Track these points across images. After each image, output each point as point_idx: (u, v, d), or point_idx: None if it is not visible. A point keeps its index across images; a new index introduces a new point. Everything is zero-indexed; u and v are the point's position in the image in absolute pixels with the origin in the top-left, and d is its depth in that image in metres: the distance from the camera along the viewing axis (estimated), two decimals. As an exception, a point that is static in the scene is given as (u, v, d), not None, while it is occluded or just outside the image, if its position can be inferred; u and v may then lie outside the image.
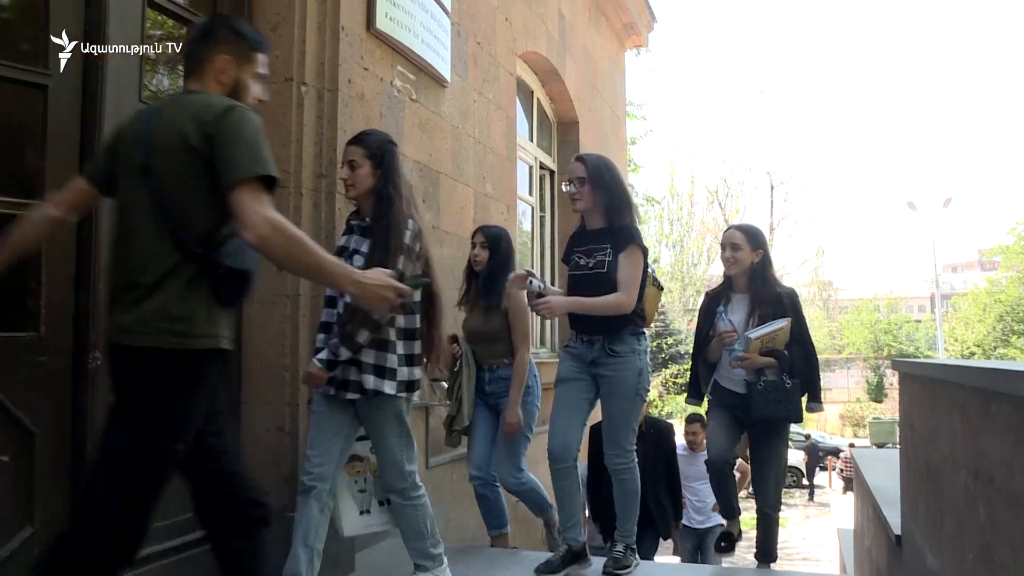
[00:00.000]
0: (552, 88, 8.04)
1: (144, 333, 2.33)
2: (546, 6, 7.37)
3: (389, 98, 4.56)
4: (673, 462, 6.27)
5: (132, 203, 2.43)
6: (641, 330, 4.03)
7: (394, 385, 3.34)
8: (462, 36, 5.53)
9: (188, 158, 2.36)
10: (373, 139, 3.46)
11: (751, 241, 4.48)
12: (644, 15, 10.26)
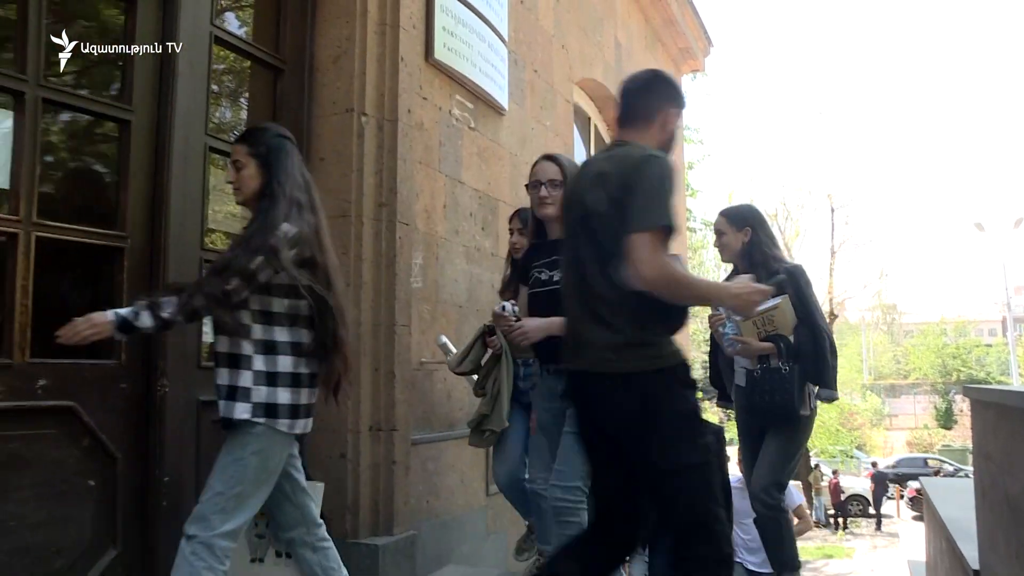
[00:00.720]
0: (609, 114, 8.03)
1: (625, 360, 2.58)
2: (602, 34, 7.39)
3: (448, 127, 4.60)
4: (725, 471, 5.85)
5: (577, 245, 2.73)
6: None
7: (248, 408, 2.66)
8: (519, 64, 5.56)
9: (614, 207, 2.59)
10: (260, 135, 2.96)
11: (734, 223, 4.16)
12: (700, 40, 10.22)
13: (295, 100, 4.03)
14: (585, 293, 2.68)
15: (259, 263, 2.65)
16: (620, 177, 2.62)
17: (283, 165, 2.88)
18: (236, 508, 2.63)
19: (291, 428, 2.73)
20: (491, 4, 5.05)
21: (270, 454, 2.70)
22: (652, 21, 8.99)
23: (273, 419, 2.69)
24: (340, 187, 3.96)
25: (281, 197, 2.80)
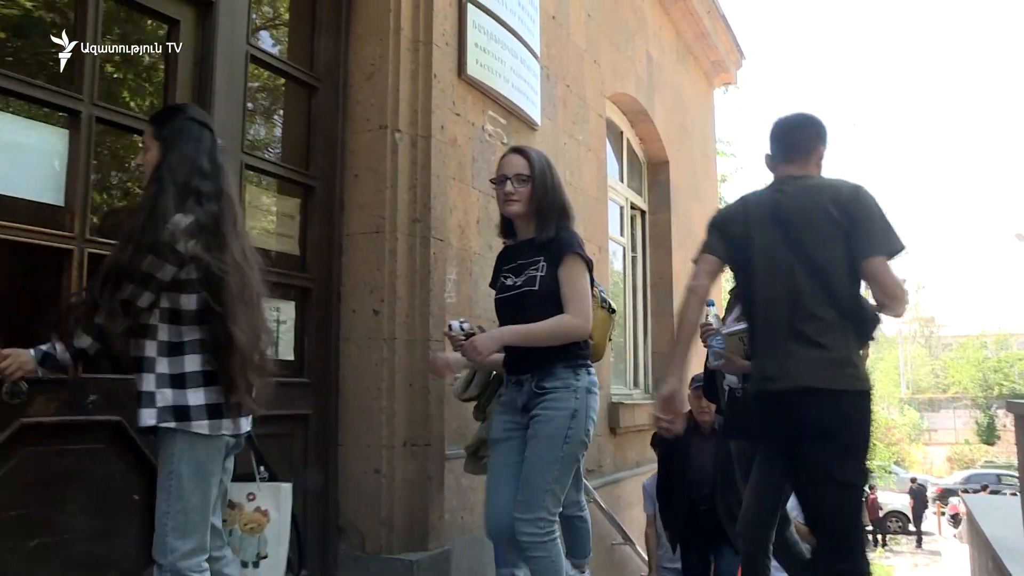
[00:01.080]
0: (641, 128, 8.02)
1: (838, 378, 2.86)
2: (634, 48, 7.39)
3: (481, 142, 4.61)
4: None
5: (781, 271, 2.99)
6: (582, 362, 3.15)
7: (153, 414, 2.48)
8: (551, 79, 5.57)
9: (832, 231, 2.92)
10: (166, 117, 2.74)
11: None
12: (732, 52, 10.19)
13: (329, 117, 4.07)
14: (797, 312, 2.94)
15: (150, 263, 2.45)
16: (839, 205, 2.94)
17: (179, 149, 2.63)
18: (187, 524, 2.49)
19: (214, 429, 2.53)
20: (523, 20, 5.07)
21: (199, 459, 2.52)
22: (684, 35, 8.98)
23: (186, 422, 2.49)
24: (374, 203, 3.98)
25: (169, 184, 2.56)
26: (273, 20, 4.57)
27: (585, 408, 3.09)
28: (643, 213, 8.28)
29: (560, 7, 5.80)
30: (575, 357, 3.13)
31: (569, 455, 3.07)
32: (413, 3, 4.18)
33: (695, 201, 9.14)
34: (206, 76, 3.43)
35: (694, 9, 8.67)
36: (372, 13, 4.15)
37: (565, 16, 5.89)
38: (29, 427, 2.69)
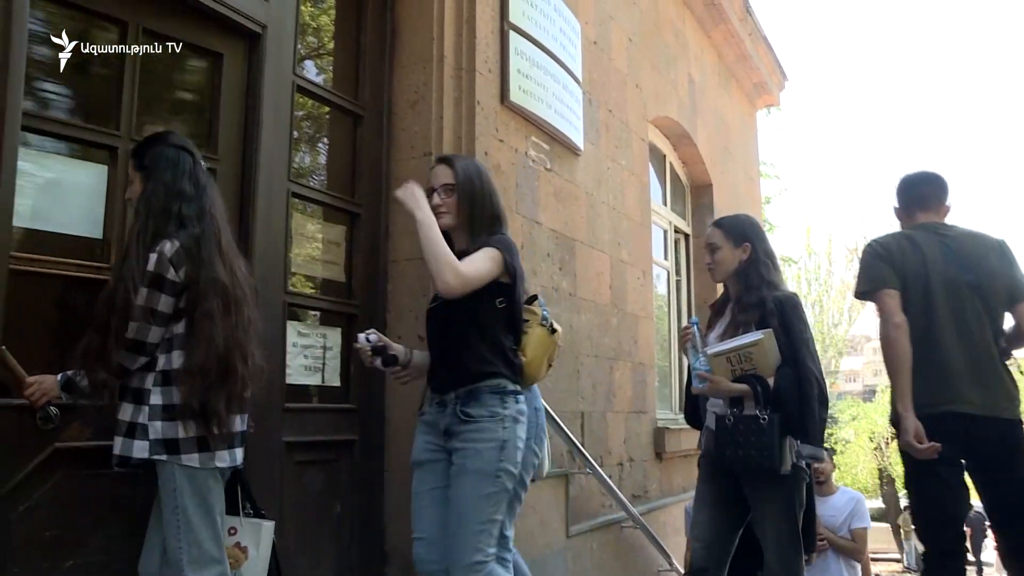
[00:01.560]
0: (684, 152, 8.00)
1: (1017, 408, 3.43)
2: (676, 71, 7.38)
3: (524, 168, 4.63)
4: None
5: (965, 306, 3.46)
6: (511, 389, 2.91)
7: (146, 446, 2.48)
8: (594, 104, 5.58)
9: (999, 274, 3.50)
10: (144, 148, 2.73)
11: (732, 236, 3.64)
12: (775, 74, 10.14)
13: (374, 145, 4.11)
14: (980, 346, 3.43)
15: (146, 297, 2.47)
16: (997, 253, 3.54)
17: (157, 177, 2.64)
18: (202, 555, 2.51)
19: (205, 463, 2.54)
20: (564, 46, 5.09)
21: (200, 491, 2.53)
22: (725, 57, 8.96)
23: (176, 455, 2.49)
24: (419, 230, 4.00)
25: (147, 214, 2.57)
26: (317, 50, 4.63)
27: (514, 438, 2.87)
28: (687, 236, 8.24)
29: (601, 32, 5.83)
30: (503, 379, 2.90)
31: (502, 489, 2.83)
32: (456, 31, 4.22)
33: (739, 224, 9.06)
34: (253, 107, 3.48)
35: (735, 32, 8.65)
36: (416, 42, 4.20)
37: (606, 41, 5.90)
38: (63, 451, 2.72)
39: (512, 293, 2.95)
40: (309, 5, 4.27)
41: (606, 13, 5.93)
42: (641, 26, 6.59)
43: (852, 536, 5.23)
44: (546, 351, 3.12)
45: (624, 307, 5.84)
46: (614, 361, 5.61)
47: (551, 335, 3.14)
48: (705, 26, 8.26)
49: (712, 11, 8.12)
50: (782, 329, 3.40)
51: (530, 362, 3.02)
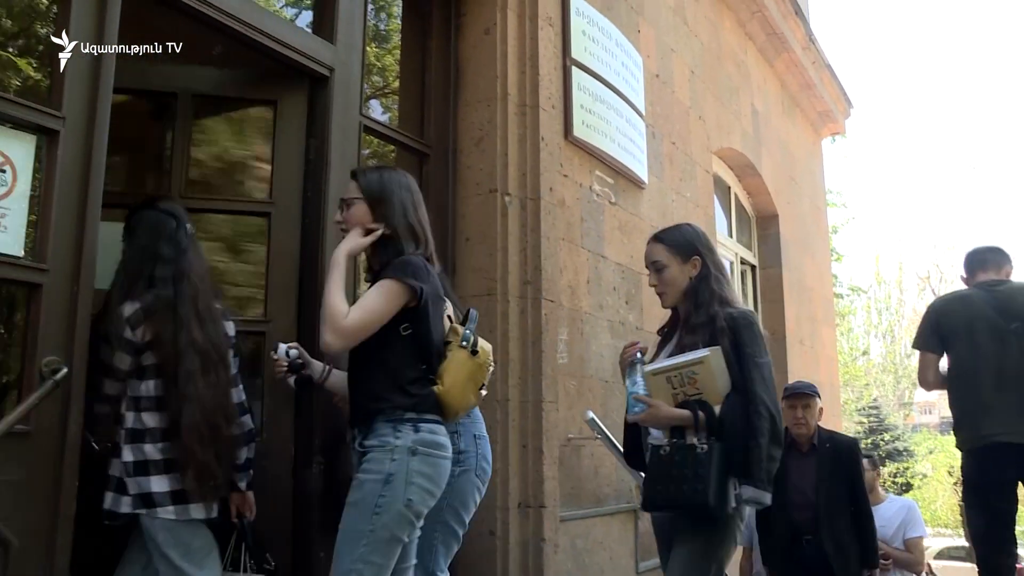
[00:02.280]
0: (749, 182, 7.94)
1: None
2: (739, 102, 7.35)
3: (589, 203, 4.63)
4: (859, 487, 4.57)
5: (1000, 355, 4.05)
6: (409, 417, 2.61)
7: (129, 501, 2.59)
8: (657, 137, 5.58)
9: None
10: (132, 211, 2.84)
11: (678, 251, 3.15)
12: (840, 102, 10.02)
13: (440, 182, 4.15)
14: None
15: (107, 353, 2.62)
16: None
17: (136, 241, 2.77)
18: None
19: (181, 515, 2.60)
20: (627, 80, 5.11)
21: (185, 542, 2.61)
22: (789, 87, 8.89)
23: (153, 508, 2.57)
24: (486, 266, 4.03)
25: (121, 275, 2.73)
26: (382, 89, 4.72)
27: (404, 472, 2.54)
28: (753, 268, 8.15)
29: (663, 65, 5.83)
30: (397, 410, 2.61)
31: (381, 528, 2.51)
32: (519, 68, 4.26)
33: (807, 254, 8.95)
34: (320, 148, 3.55)
35: (798, 61, 8.59)
36: (480, 80, 4.25)
37: (669, 74, 5.90)
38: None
39: (418, 317, 2.66)
40: (374, 46, 4.35)
41: (667, 46, 5.93)
42: (703, 58, 6.58)
43: (906, 547, 5.00)
44: (469, 375, 2.75)
45: (691, 340, 5.77)
46: (682, 395, 5.54)
47: (473, 357, 2.75)
48: (767, 56, 8.21)
49: (774, 41, 8.07)
50: (733, 350, 2.92)
51: (447, 390, 2.68)
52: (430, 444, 2.61)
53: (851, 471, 4.52)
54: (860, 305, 30.58)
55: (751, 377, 2.88)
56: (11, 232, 2.43)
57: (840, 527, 4.39)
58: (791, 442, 4.42)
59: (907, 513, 5.13)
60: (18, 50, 2.99)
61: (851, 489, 4.48)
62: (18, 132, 2.50)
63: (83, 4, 2.68)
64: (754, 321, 3.02)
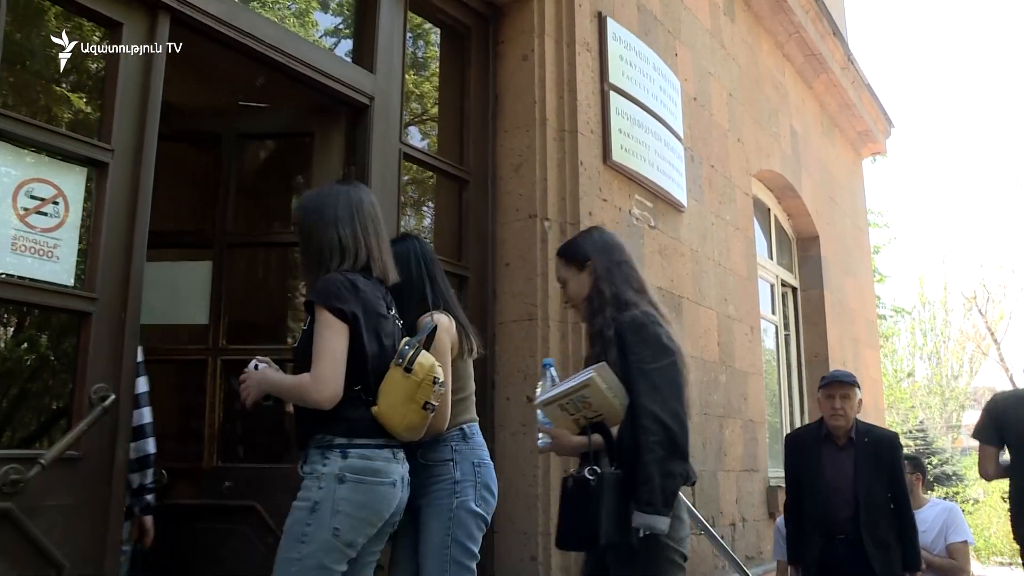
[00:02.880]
0: (789, 204, 7.88)
1: None
2: (778, 124, 7.31)
3: (628, 227, 4.63)
4: (900, 483, 4.32)
5: None
6: (339, 442, 2.46)
7: None
8: (696, 160, 5.57)
9: None
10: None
11: (573, 260, 2.90)
12: (880, 121, 9.94)
13: (480, 208, 4.18)
14: None
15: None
16: None
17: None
18: None
19: None
20: (665, 104, 5.11)
21: None
22: (828, 107, 8.84)
23: None
24: (525, 291, 4.04)
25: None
26: (421, 116, 4.77)
27: (331, 500, 2.40)
28: (794, 290, 8.08)
29: (701, 88, 5.83)
30: (327, 435, 2.47)
31: (308, 557, 2.37)
32: (558, 94, 4.28)
33: (848, 275, 8.86)
34: (361, 176, 3.59)
35: (837, 81, 8.54)
36: (518, 106, 4.28)
37: (707, 97, 5.90)
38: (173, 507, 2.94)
39: (351, 336, 2.49)
40: (412, 73, 4.40)
41: (705, 69, 5.93)
42: (740, 80, 6.57)
43: (949, 552, 4.76)
44: (404, 394, 2.52)
45: (732, 363, 5.74)
46: (724, 419, 5.50)
47: (407, 375, 2.52)
48: (806, 76, 8.18)
49: (812, 62, 8.04)
50: (621, 360, 2.62)
51: (382, 411, 2.50)
52: (360, 471, 2.44)
53: (892, 466, 4.30)
54: (904, 326, 30.12)
55: (636, 388, 2.55)
56: (63, 262, 2.50)
57: (882, 526, 4.18)
58: (827, 434, 4.33)
59: (949, 516, 4.87)
60: (70, 85, 3.07)
61: (892, 486, 4.27)
62: (70, 165, 2.57)
63: (132, 40, 2.75)
64: (645, 324, 2.65)
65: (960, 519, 4.90)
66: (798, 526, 4.34)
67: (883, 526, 4.17)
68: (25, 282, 2.45)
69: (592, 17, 4.56)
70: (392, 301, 2.69)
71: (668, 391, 2.55)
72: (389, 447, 2.51)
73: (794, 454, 4.47)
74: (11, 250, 2.40)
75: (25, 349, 4.07)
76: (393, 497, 2.50)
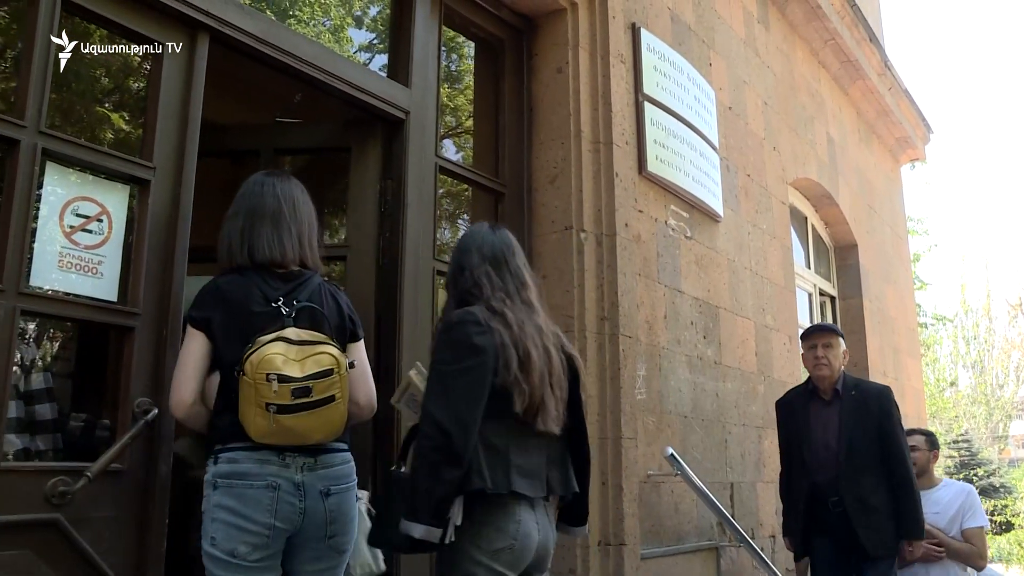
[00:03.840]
0: (826, 212, 7.81)
1: None
2: (814, 131, 7.26)
3: (664, 237, 4.62)
4: (893, 437, 4.01)
5: None
6: (213, 448, 2.35)
7: None
8: (731, 170, 5.54)
9: None
10: None
11: (448, 276, 2.68)
12: (918, 127, 9.83)
13: (515, 221, 4.19)
14: None
15: None
16: None
17: None
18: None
19: None
20: (699, 113, 5.10)
21: None
22: (865, 114, 8.76)
23: None
24: (562, 303, 4.04)
25: None
26: (456, 129, 4.80)
27: (210, 508, 2.30)
28: (832, 299, 8.00)
29: (736, 98, 5.80)
30: (209, 444, 2.39)
31: (208, 571, 2.29)
32: (592, 106, 4.29)
33: (888, 283, 8.76)
34: (397, 190, 3.62)
35: (874, 87, 8.46)
36: (553, 118, 4.29)
37: (742, 106, 5.88)
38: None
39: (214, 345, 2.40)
40: (446, 87, 4.43)
41: (739, 78, 5.91)
42: (776, 88, 6.53)
43: (964, 538, 4.46)
44: (244, 398, 2.30)
45: (771, 373, 5.69)
46: (762, 429, 5.45)
47: (239, 376, 2.30)
48: (842, 83, 8.11)
49: (848, 68, 7.98)
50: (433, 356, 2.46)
51: (240, 417, 2.31)
52: (227, 475, 2.31)
53: (881, 418, 4.04)
54: (946, 334, 29.66)
55: (428, 390, 2.37)
56: (107, 278, 2.55)
57: (865, 484, 3.92)
58: (813, 389, 4.20)
59: (966, 499, 4.54)
60: (112, 105, 3.13)
61: (883, 440, 3.99)
62: (113, 183, 2.62)
63: (173, 61, 2.80)
64: (455, 323, 2.42)
65: (978, 503, 4.59)
66: (788, 490, 4.21)
67: (867, 484, 3.92)
68: (70, 298, 2.50)
69: (626, 28, 4.56)
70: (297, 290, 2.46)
71: (459, 394, 2.33)
72: (269, 449, 2.31)
73: (784, 419, 4.33)
74: (58, 267, 2.45)
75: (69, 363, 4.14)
76: (274, 501, 2.29)
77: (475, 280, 2.52)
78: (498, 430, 2.37)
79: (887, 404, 4.08)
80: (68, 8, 2.55)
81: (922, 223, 19.28)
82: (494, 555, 2.34)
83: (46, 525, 2.33)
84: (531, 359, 2.41)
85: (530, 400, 2.40)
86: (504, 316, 2.44)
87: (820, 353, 4.15)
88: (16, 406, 2.80)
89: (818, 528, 4.05)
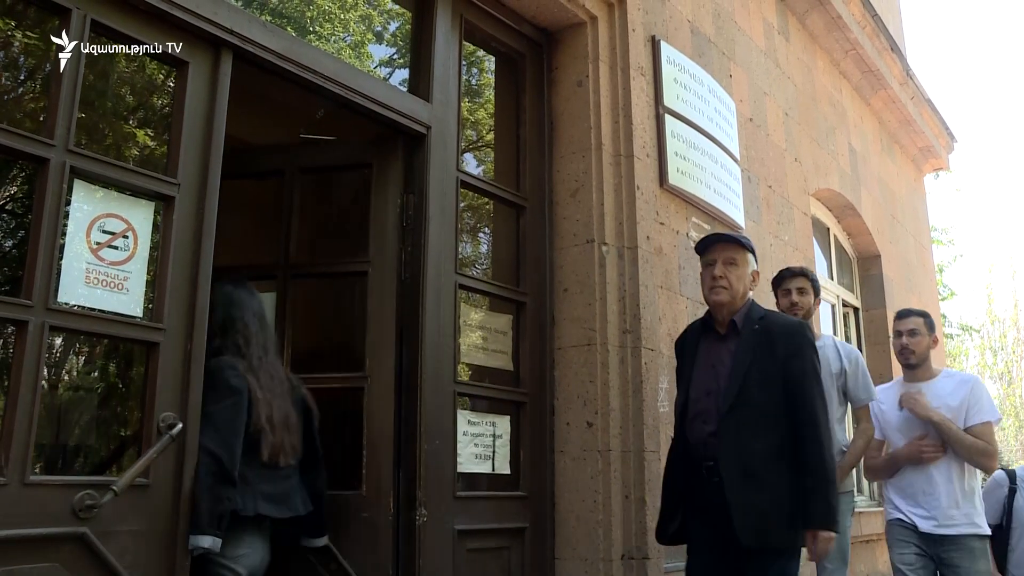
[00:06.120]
0: (849, 223, 7.77)
1: None
2: (835, 142, 7.23)
3: (686, 249, 4.61)
4: (803, 386, 3.04)
5: None
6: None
7: None
8: (753, 181, 5.53)
9: None
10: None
11: None
12: (942, 136, 9.76)
13: (537, 234, 4.19)
14: None
15: None
16: None
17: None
18: None
19: None
20: (720, 125, 5.09)
21: None
22: (887, 124, 8.71)
23: None
24: (584, 316, 4.03)
25: None
26: (476, 143, 4.81)
27: None
28: (855, 310, 7.94)
29: (757, 109, 5.79)
30: None
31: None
32: (613, 119, 4.29)
33: (911, 294, 8.69)
34: (420, 205, 3.63)
35: (896, 97, 8.42)
36: (574, 131, 4.29)
37: (762, 117, 5.86)
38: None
39: None
40: (467, 101, 4.44)
41: (760, 90, 5.90)
42: (797, 99, 6.52)
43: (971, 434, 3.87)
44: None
45: (795, 386, 5.65)
46: (787, 442, 5.41)
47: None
48: (863, 93, 8.08)
49: (870, 78, 7.95)
50: None
51: None
52: None
53: (788, 363, 3.06)
54: (973, 345, 29.33)
55: (200, 427, 2.69)
56: (132, 294, 2.57)
57: (755, 449, 2.95)
58: (706, 320, 3.34)
59: (971, 391, 3.91)
60: (137, 122, 3.16)
61: (790, 389, 3.03)
62: (138, 199, 2.64)
63: (197, 77, 2.83)
64: (213, 370, 2.79)
65: (985, 395, 3.95)
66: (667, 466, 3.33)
67: (757, 448, 2.95)
68: (96, 313, 2.52)
69: (646, 41, 4.57)
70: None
71: (223, 427, 2.76)
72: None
73: (679, 360, 3.44)
74: (84, 283, 2.47)
75: (96, 378, 4.19)
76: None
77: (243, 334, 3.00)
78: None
79: (799, 341, 3.11)
80: (95, 28, 2.59)
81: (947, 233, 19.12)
82: (236, 560, 2.82)
83: (73, 539, 2.35)
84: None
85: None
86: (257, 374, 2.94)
87: (718, 272, 3.19)
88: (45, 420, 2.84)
89: (694, 508, 3.16)
